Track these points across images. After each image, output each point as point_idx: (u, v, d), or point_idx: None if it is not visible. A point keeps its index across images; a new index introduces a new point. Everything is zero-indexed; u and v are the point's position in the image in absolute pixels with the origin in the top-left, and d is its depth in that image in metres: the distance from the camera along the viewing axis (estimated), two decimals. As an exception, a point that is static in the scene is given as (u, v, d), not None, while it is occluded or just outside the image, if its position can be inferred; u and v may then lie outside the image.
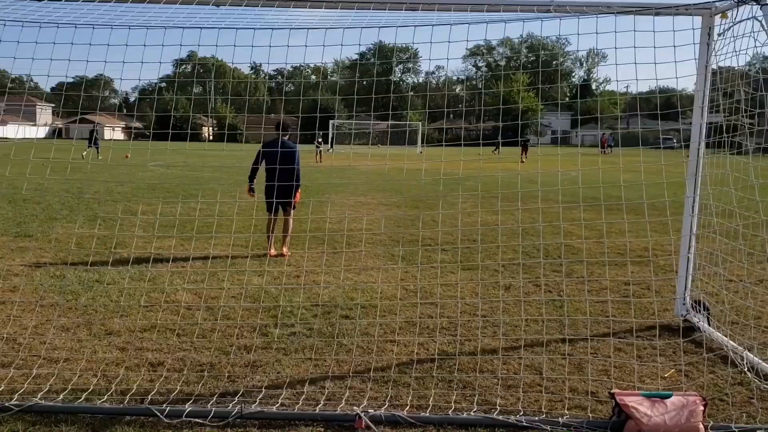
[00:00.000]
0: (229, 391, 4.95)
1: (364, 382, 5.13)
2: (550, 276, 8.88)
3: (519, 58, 76.59)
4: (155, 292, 7.74)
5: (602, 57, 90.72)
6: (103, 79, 8.75)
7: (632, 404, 4.25)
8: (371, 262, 9.76)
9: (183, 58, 56.74)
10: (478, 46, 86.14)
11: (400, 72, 79.25)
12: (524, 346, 6.05)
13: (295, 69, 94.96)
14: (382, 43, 43.06)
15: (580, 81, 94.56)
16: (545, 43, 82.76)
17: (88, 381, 5.06)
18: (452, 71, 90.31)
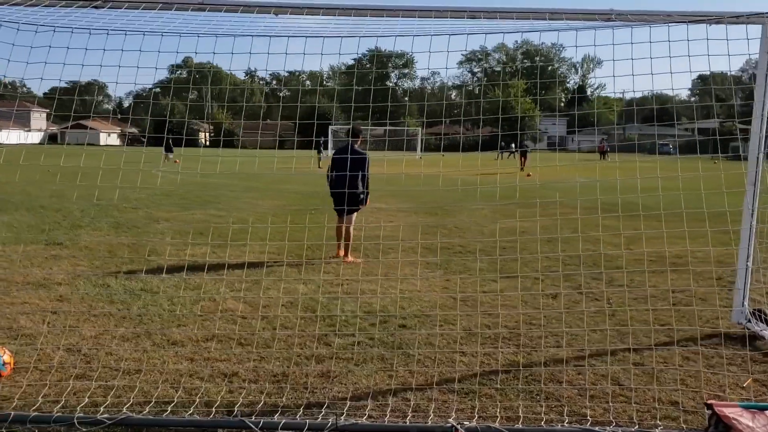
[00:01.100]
0: (312, 402, 4.90)
1: (444, 393, 5.10)
2: (591, 284, 8.88)
3: (515, 64, 76.90)
4: (205, 300, 7.69)
5: (597, 63, 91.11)
6: (98, 84, 8.72)
7: (733, 416, 4.24)
8: (408, 270, 9.72)
9: (178, 63, 56.28)
10: (473, 52, 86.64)
11: (396, 78, 79.43)
12: (590, 356, 6.02)
13: (291, 74, 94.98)
14: (378, 50, 43.21)
15: (575, 87, 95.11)
16: (540, 49, 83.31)
17: (169, 393, 5.00)
18: (448, 77, 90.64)
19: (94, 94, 9.46)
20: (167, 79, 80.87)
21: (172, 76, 67.48)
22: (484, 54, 76.25)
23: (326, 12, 6.02)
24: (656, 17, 6.27)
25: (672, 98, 6.76)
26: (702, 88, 43.87)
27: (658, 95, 7.94)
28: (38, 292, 7.90)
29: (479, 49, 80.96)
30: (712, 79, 7.23)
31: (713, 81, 7.11)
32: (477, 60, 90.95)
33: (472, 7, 6.16)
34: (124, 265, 9.50)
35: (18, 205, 15.30)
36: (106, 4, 5.88)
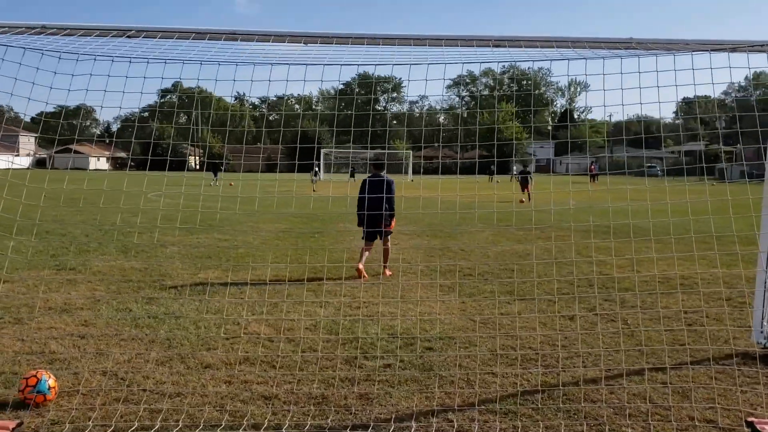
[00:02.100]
0: (357, 424, 4.99)
1: (484, 414, 5.21)
2: (605, 305, 9.03)
3: (503, 89, 77.47)
4: (229, 324, 7.76)
5: (584, 87, 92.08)
6: (86, 108, 8.82)
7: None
8: (423, 292, 9.84)
9: (167, 88, 55.98)
10: (461, 76, 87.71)
11: (384, 101, 80.00)
12: (618, 376, 6.15)
13: (279, 99, 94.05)
14: (365, 74, 43.48)
15: (562, 110, 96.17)
16: (527, 73, 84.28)
17: (215, 416, 5.07)
18: (435, 101, 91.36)
19: (81, 118, 9.52)
20: (155, 103, 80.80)
21: (162, 100, 67.65)
22: (471, 78, 77.09)
23: (324, 41, 6.11)
24: (676, 45, 6.48)
25: (658, 121, 6.98)
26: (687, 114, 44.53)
27: (644, 118, 8.19)
28: (62, 316, 7.94)
29: (466, 74, 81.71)
30: (696, 103, 7.49)
31: (697, 105, 7.35)
32: (464, 84, 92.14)
33: (497, 36, 6.34)
34: (140, 289, 9.55)
35: (21, 230, 15.25)
36: (140, 34, 6.03)
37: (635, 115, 6.64)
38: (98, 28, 5.81)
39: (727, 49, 6.50)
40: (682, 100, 7.43)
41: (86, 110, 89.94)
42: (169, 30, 5.90)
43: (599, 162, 49.45)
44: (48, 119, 6.25)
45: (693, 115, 7.68)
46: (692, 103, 7.05)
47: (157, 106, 57.69)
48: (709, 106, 10.66)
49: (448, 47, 6.31)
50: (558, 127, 68.55)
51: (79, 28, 5.77)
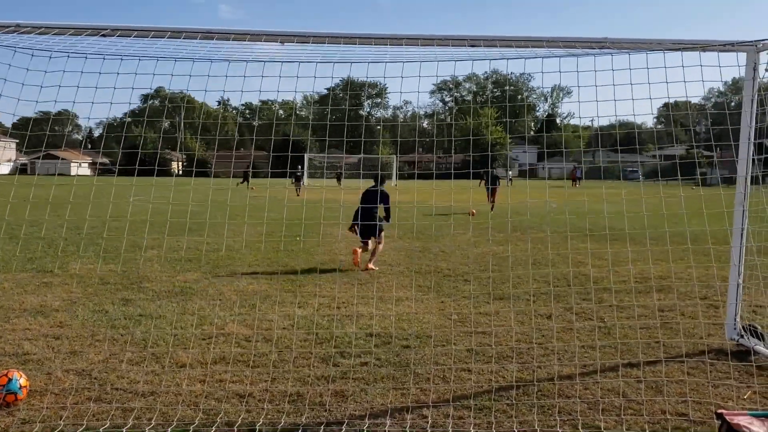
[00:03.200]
0: (331, 421, 4.98)
1: (459, 410, 5.22)
2: (582, 304, 9.08)
3: (485, 93, 77.43)
4: (206, 324, 7.72)
5: (566, 93, 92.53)
6: (68, 114, 8.76)
7: (744, 424, 4.42)
8: (402, 293, 9.84)
9: (151, 92, 56.13)
10: (445, 81, 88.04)
11: (369, 106, 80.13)
12: (593, 372, 6.19)
13: (264, 104, 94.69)
14: (350, 78, 43.42)
15: (545, 115, 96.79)
16: (510, 78, 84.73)
17: (188, 414, 5.05)
18: (419, 106, 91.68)
19: (63, 124, 9.47)
20: (138, 109, 79.95)
21: (144, 105, 67.31)
22: (455, 83, 77.48)
23: (300, 40, 6.11)
24: (649, 44, 6.54)
25: (639, 126, 7.11)
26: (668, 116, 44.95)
27: (624, 123, 8.25)
28: (37, 318, 7.87)
29: (450, 78, 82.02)
30: (676, 106, 7.57)
31: (677, 109, 7.45)
32: (448, 89, 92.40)
33: (473, 36, 6.38)
34: (118, 291, 9.48)
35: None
36: (114, 32, 6.00)
37: (617, 120, 6.64)
38: (72, 27, 5.80)
39: (699, 48, 6.59)
40: (663, 106, 7.51)
41: (68, 116, 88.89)
42: (144, 29, 5.91)
43: (581, 167, 49.77)
44: (21, 126, 6.21)
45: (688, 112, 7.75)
46: (672, 108, 7.11)
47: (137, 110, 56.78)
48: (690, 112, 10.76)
49: (424, 47, 6.34)
50: (540, 132, 68.95)
51: (54, 27, 5.76)
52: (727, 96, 71.34)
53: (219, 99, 55.37)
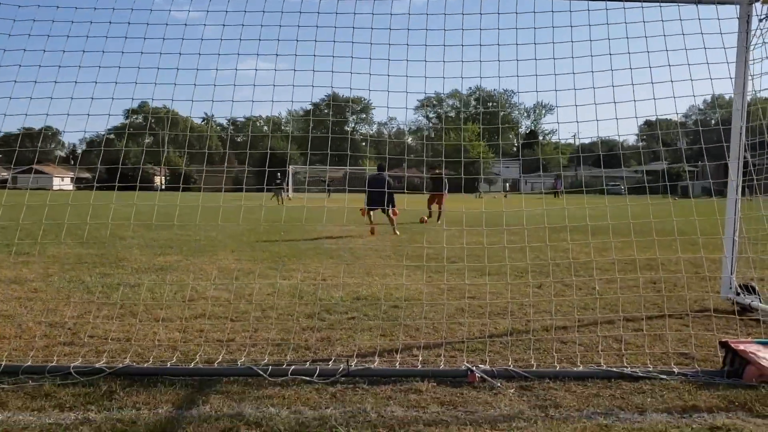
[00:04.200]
0: (317, 359, 4.73)
1: (450, 351, 4.99)
2: (572, 279, 8.87)
3: (468, 110, 77.64)
4: (185, 291, 7.44)
5: (549, 109, 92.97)
6: (51, 130, 8.52)
7: (751, 350, 4.23)
8: (389, 270, 9.59)
9: (134, 108, 54.92)
10: (428, 98, 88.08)
11: (353, 122, 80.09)
12: (589, 324, 5.98)
13: (248, 120, 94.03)
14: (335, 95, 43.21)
15: (527, 131, 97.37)
16: (492, 94, 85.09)
17: (165, 355, 4.78)
18: (403, 122, 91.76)
19: (43, 139, 9.24)
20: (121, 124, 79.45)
21: (127, 120, 66.67)
22: (439, 99, 77.63)
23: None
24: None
25: (620, 143, 6.99)
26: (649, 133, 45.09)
27: (605, 140, 8.11)
28: (11, 286, 7.56)
29: (433, 95, 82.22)
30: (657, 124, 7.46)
31: (658, 126, 7.33)
32: (432, 105, 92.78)
33: None
34: (96, 268, 9.16)
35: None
36: None
37: (598, 137, 6.43)
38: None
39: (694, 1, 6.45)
40: (644, 123, 7.39)
41: (51, 132, 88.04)
42: None
43: (561, 180, 49.83)
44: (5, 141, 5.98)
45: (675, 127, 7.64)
46: (653, 125, 7.01)
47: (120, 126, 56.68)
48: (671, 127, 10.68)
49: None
50: (523, 147, 69.13)
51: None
52: (707, 113, 72.01)
53: (203, 114, 54.70)
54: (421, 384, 4.18)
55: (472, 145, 61.87)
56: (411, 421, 3.56)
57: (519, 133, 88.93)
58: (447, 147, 9.55)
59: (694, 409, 3.77)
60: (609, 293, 7.58)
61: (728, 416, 3.66)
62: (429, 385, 4.16)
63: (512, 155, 74.34)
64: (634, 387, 4.17)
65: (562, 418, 3.61)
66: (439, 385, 4.17)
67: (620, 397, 3.98)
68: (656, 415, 3.69)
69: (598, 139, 7.44)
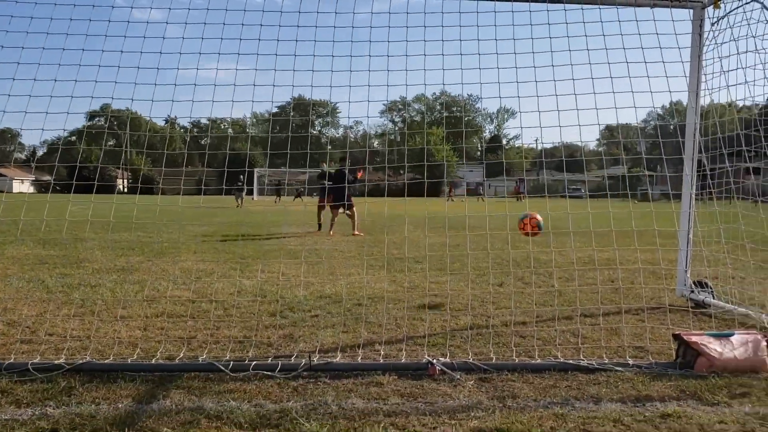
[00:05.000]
0: (280, 355, 4.75)
1: (412, 346, 5.05)
2: (534, 278, 9.01)
3: (433, 114, 78.16)
4: (146, 290, 7.38)
5: (511, 114, 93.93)
6: (11, 132, 8.36)
7: (702, 342, 4.36)
8: (353, 270, 9.62)
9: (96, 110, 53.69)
10: (394, 102, 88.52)
11: (320, 125, 79.99)
12: (547, 319, 6.09)
13: (213, 122, 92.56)
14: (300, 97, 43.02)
15: (491, 135, 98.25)
16: (457, 99, 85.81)
17: (125, 352, 4.75)
18: (369, 126, 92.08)
19: (2, 141, 9.06)
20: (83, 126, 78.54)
21: (89, 123, 65.59)
22: (405, 104, 78.03)
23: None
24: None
25: (581, 147, 7.14)
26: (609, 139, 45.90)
27: (567, 144, 8.26)
28: (-35, 286, 7.42)
29: (399, 100, 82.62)
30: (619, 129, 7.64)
31: (619, 131, 7.51)
32: (398, 110, 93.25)
33: None
34: (56, 268, 9.03)
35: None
36: None
37: (561, 142, 6.54)
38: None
39: (650, 3, 6.62)
40: (605, 127, 7.53)
41: (11, 134, 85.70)
42: None
43: (523, 183, 50.36)
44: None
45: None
46: (614, 130, 7.14)
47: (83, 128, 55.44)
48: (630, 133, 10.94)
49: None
50: (486, 152, 69.82)
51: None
52: (666, 119, 73.58)
53: (166, 117, 53.87)
54: (382, 377, 4.23)
55: (436, 148, 62.27)
56: (371, 412, 3.61)
57: (483, 137, 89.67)
58: (411, 151, 9.58)
59: (647, 399, 3.88)
60: (568, 291, 7.71)
61: (679, 404, 3.78)
62: (390, 378, 4.21)
63: (476, 160, 75.30)
64: (589, 378, 4.28)
65: (519, 408, 3.69)
66: (400, 378, 4.23)
67: (576, 388, 4.08)
68: (610, 404, 3.79)
69: (561, 144, 7.60)
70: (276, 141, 6.89)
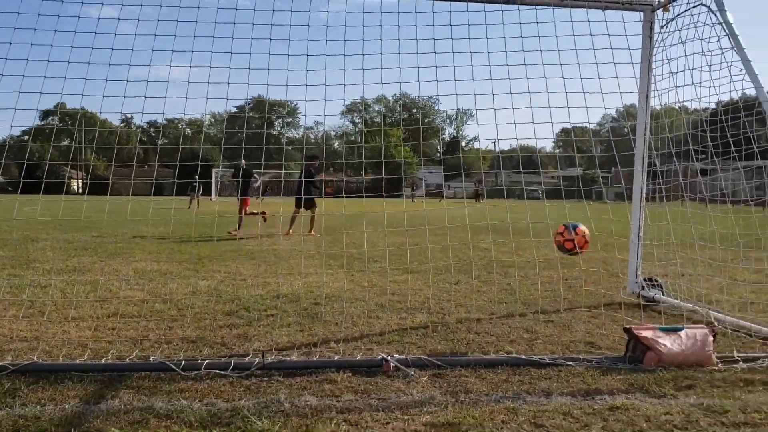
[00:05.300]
0: (233, 354, 4.70)
1: (368, 344, 5.04)
2: (490, 277, 9.08)
3: (394, 115, 78.11)
4: (98, 291, 7.24)
5: (470, 116, 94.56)
6: None
7: (651, 337, 4.45)
8: (311, 270, 9.58)
9: (50, 109, 52.45)
10: (354, 102, 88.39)
11: (279, 126, 79.35)
12: (502, 316, 6.15)
13: (170, 122, 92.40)
14: (261, 97, 42.58)
15: (450, 137, 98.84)
16: (416, 101, 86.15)
17: (75, 352, 4.66)
18: (330, 126, 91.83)
19: None
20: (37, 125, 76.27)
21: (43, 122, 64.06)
22: (365, 105, 78.11)
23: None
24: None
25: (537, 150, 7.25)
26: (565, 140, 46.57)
27: (524, 146, 8.38)
28: None
29: (359, 100, 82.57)
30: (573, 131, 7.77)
31: (574, 133, 7.64)
32: (358, 111, 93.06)
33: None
34: (4, 269, 8.80)
35: None
36: None
37: (517, 143, 6.61)
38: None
39: (601, 6, 6.73)
40: (561, 130, 7.65)
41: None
42: None
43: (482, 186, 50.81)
44: None
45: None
46: (569, 132, 7.27)
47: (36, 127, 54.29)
48: (586, 135, 11.11)
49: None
50: (445, 154, 70.49)
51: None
52: (620, 121, 74.86)
53: (122, 116, 53.22)
54: (336, 374, 4.22)
55: (396, 150, 62.43)
56: (324, 409, 3.59)
57: (442, 139, 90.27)
58: (372, 151, 9.63)
59: (597, 392, 3.95)
60: (524, 289, 7.80)
61: (627, 397, 3.85)
62: (344, 376, 4.20)
63: (436, 162, 75.74)
64: (541, 373, 4.33)
65: (471, 403, 3.72)
66: (354, 375, 4.22)
67: (528, 383, 4.13)
68: (561, 398, 3.84)
69: (518, 145, 7.69)
70: (235, 141, 6.81)
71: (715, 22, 5.83)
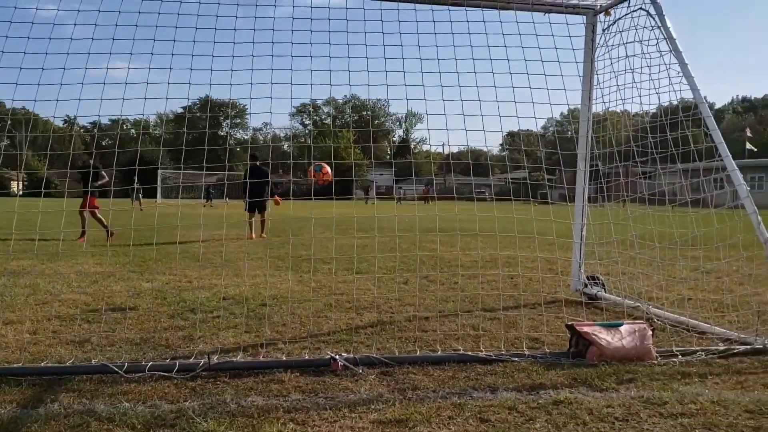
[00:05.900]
0: (177, 356, 4.63)
1: (315, 344, 5.03)
2: (438, 276, 9.15)
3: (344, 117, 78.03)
4: (39, 294, 7.04)
5: (419, 118, 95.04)
6: None
7: (593, 332, 4.56)
8: (258, 271, 9.49)
9: None
10: (304, 104, 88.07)
11: (227, 127, 78.31)
12: (448, 315, 6.20)
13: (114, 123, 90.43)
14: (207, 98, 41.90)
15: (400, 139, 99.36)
16: (366, 103, 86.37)
17: (13, 357, 4.52)
18: (279, 128, 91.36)
19: None
20: (-27, 125, 73.74)
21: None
22: (314, 107, 77.85)
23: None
24: (495, 2, 6.67)
25: (485, 153, 7.39)
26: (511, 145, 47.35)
27: (473, 150, 8.48)
28: None
29: (309, 102, 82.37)
30: (520, 135, 7.92)
31: (520, 137, 7.79)
32: (308, 113, 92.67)
33: None
34: (-64, 273, 8.48)
35: None
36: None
37: (465, 146, 6.66)
38: None
39: (544, 9, 6.84)
40: (507, 134, 7.82)
41: None
42: None
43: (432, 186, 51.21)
44: None
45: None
46: (516, 136, 7.39)
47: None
48: (531, 139, 11.28)
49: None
50: (395, 156, 70.79)
51: None
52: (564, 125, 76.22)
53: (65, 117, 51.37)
54: (284, 374, 4.20)
55: (347, 152, 62.46)
56: (271, 408, 3.57)
57: (392, 141, 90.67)
58: (324, 153, 9.60)
59: (541, 387, 4.02)
60: (470, 287, 7.89)
61: (570, 391, 3.93)
62: (292, 375, 4.18)
63: (386, 163, 76.04)
64: (487, 369, 4.39)
65: (418, 399, 3.74)
66: (302, 375, 4.20)
67: (474, 378, 4.18)
68: (506, 393, 3.89)
69: (467, 147, 7.75)
70: (181, 142, 6.71)
71: (654, 25, 6.02)
